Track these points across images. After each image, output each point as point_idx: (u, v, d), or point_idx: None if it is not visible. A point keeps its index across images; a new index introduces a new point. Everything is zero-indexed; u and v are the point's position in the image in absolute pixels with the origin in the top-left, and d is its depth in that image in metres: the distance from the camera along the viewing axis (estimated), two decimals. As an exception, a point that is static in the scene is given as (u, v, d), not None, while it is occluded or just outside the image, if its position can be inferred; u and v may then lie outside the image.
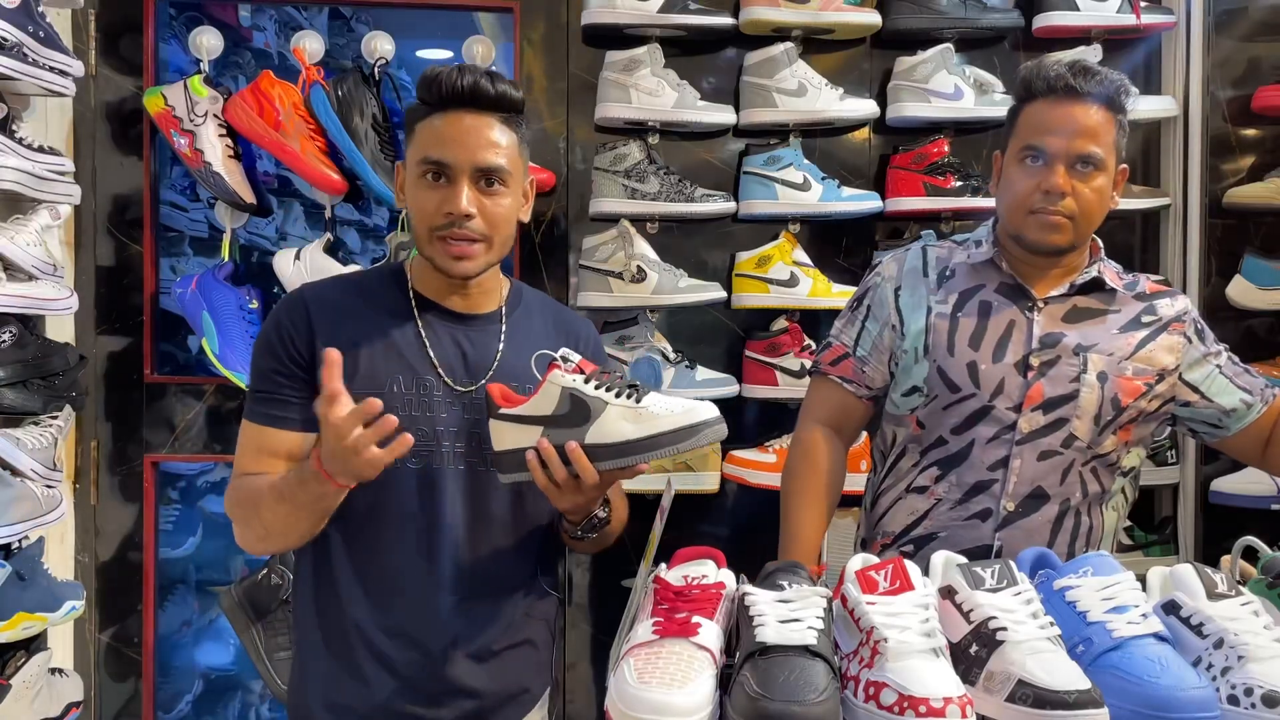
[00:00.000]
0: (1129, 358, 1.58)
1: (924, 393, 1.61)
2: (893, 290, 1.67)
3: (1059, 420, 1.56)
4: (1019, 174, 1.57)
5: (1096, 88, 1.54)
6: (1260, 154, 2.52)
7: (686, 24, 2.37)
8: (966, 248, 1.68)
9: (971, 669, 0.98)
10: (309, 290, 1.48)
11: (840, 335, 1.72)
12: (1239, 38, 2.52)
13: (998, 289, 1.62)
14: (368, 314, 1.44)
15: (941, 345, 1.60)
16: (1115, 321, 1.61)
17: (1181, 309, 1.64)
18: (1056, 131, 1.53)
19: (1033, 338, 1.58)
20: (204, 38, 2.39)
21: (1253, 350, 2.47)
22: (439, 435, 1.41)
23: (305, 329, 1.41)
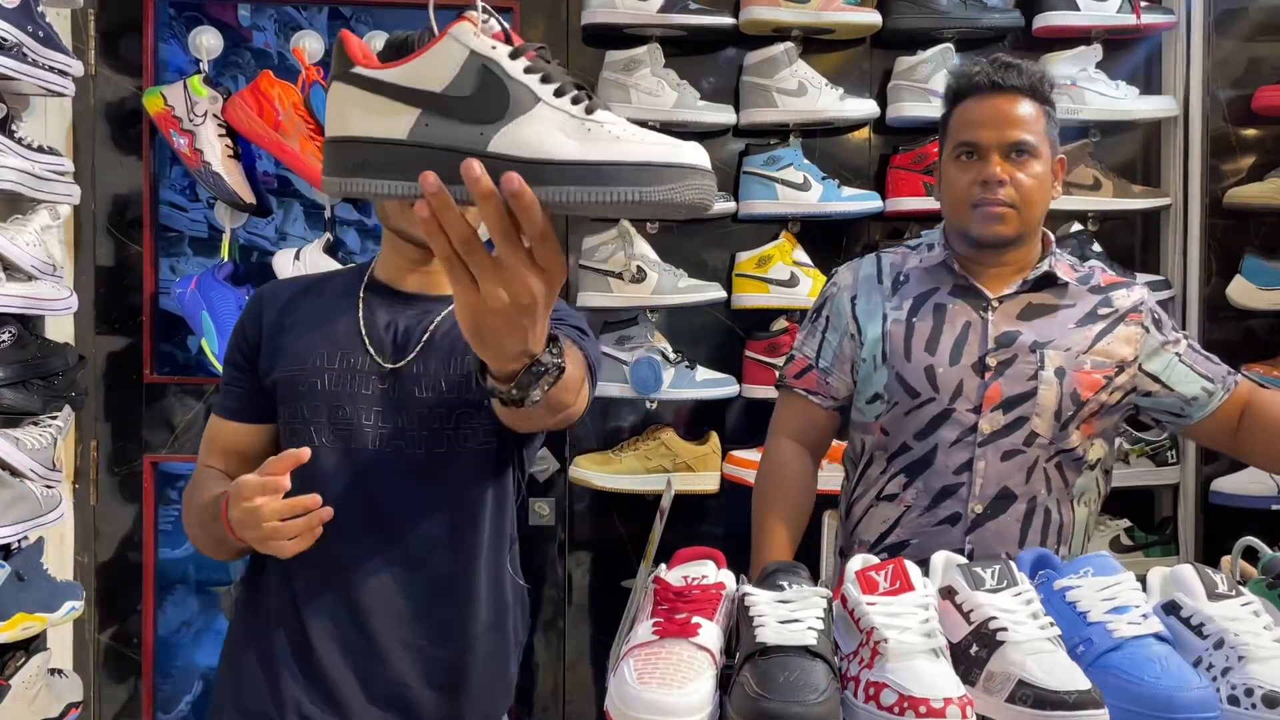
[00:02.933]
0: (1087, 351, 1.58)
1: (885, 399, 1.62)
2: (849, 299, 1.68)
3: (1019, 419, 1.56)
4: (956, 171, 1.59)
5: (1018, 79, 1.57)
6: (1260, 154, 2.52)
7: (686, 24, 2.37)
8: (919, 252, 1.69)
9: (972, 669, 0.98)
10: (269, 285, 1.49)
11: (802, 348, 1.73)
12: (1239, 38, 2.52)
13: (951, 291, 1.63)
14: (315, 301, 1.43)
15: (899, 351, 1.61)
16: (1071, 316, 1.61)
17: (1138, 299, 1.63)
18: (986, 124, 1.56)
19: (988, 338, 1.58)
20: (203, 38, 2.39)
21: (1253, 350, 2.48)
22: (359, 414, 1.34)
23: (255, 320, 1.43)
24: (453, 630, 1.37)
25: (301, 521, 1.18)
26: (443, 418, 1.34)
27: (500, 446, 1.37)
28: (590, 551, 2.55)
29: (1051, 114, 1.60)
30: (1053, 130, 1.60)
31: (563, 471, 2.48)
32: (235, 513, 1.20)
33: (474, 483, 1.36)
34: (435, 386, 1.34)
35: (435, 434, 1.34)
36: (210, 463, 1.45)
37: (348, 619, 1.34)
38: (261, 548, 1.21)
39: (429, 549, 1.35)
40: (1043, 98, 1.58)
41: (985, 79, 1.57)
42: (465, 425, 1.35)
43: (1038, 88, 1.58)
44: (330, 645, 1.33)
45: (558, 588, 2.53)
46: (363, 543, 1.33)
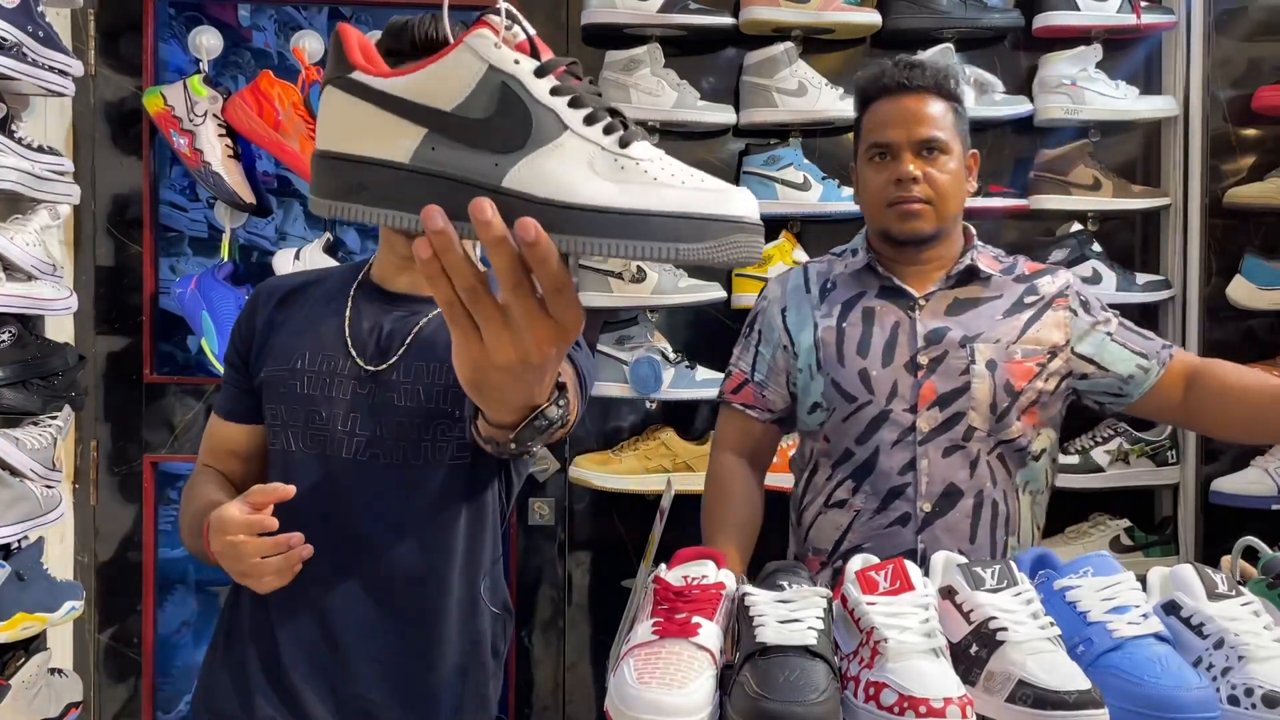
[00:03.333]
0: (1016, 341, 1.59)
1: (824, 407, 1.62)
2: (779, 311, 1.70)
3: (956, 415, 1.57)
4: (871, 172, 1.62)
5: (924, 78, 1.59)
6: (1260, 154, 2.52)
7: (686, 24, 2.36)
8: (844, 258, 1.70)
9: (972, 669, 0.98)
10: (267, 282, 1.46)
11: (738, 362, 1.74)
12: (1239, 37, 2.52)
13: (878, 293, 1.64)
14: (308, 299, 1.39)
15: (832, 358, 1.62)
16: (998, 307, 1.62)
17: (1063, 284, 1.65)
18: (896, 124, 1.58)
19: (917, 336, 1.59)
20: (203, 37, 2.39)
21: (1253, 350, 2.47)
22: (335, 418, 1.29)
23: (250, 319, 1.41)
24: (423, 647, 1.31)
25: (280, 559, 1.16)
26: (420, 427, 1.28)
27: (476, 461, 1.31)
28: (590, 551, 2.55)
29: (960, 110, 1.62)
30: (962, 126, 1.62)
31: (563, 471, 2.48)
32: (216, 545, 1.18)
33: (450, 497, 1.30)
34: (414, 394, 1.28)
35: (412, 444, 1.28)
36: (208, 462, 1.44)
37: (318, 633, 1.30)
38: (239, 580, 1.20)
39: (400, 563, 1.30)
40: (949, 94, 1.61)
41: (892, 80, 1.59)
42: (441, 437, 1.29)
43: (943, 85, 1.60)
44: (300, 659, 1.30)
45: (558, 588, 2.53)
46: (335, 555, 1.28)
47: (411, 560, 1.30)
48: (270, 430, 1.35)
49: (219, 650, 1.38)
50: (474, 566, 1.35)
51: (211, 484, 1.38)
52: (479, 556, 1.35)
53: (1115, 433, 2.46)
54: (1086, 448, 2.46)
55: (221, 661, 1.36)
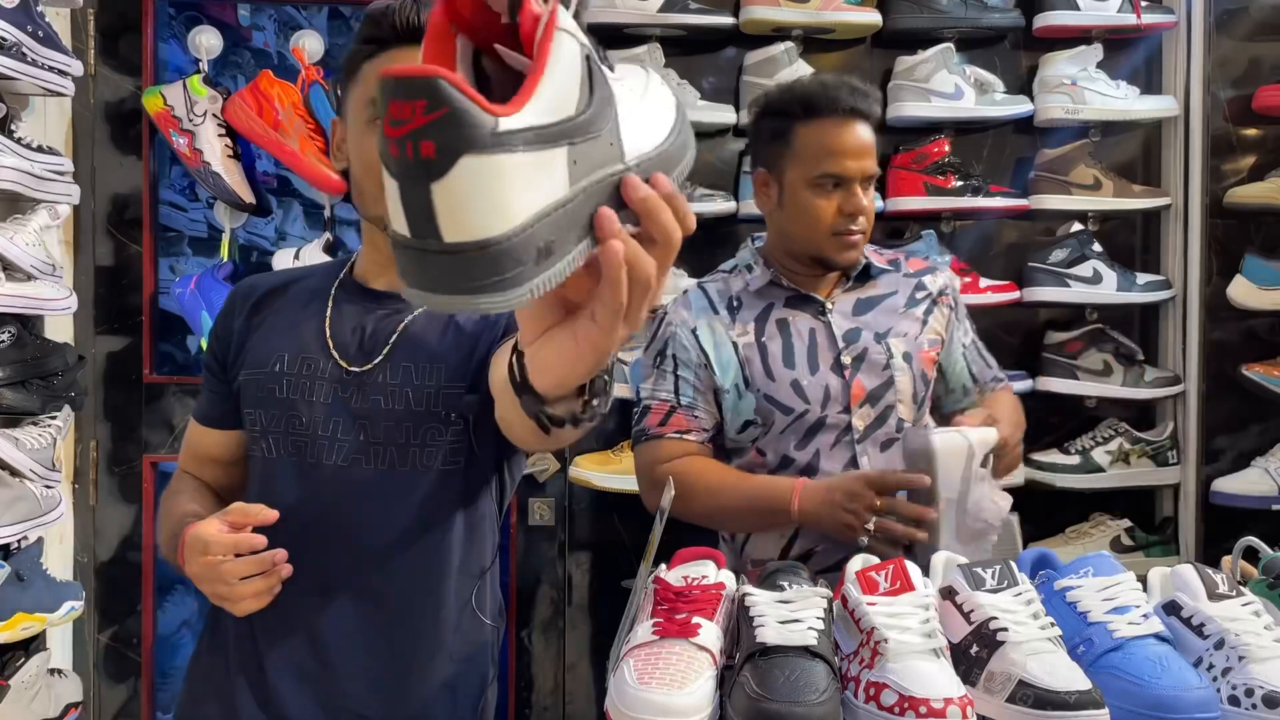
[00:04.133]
0: (921, 333, 1.66)
1: (759, 424, 1.62)
2: (689, 332, 1.65)
3: (886, 409, 1.61)
4: (816, 198, 1.59)
5: (871, 106, 1.60)
6: (1261, 154, 2.52)
7: (686, 23, 2.36)
8: (739, 275, 1.70)
9: (972, 669, 0.97)
10: (245, 282, 1.39)
11: (656, 394, 1.65)
12: (1240, 37, 2.52)
13: (785, 304, 1.66)
14: (286, 299, 1.33)
15: (760, 374, 1.61)
16: (896, 302, 1.67)
17: (944, 283, 1.71)
18: (852, 155, 1.58)
19: (836, 338, 1.62)
20: (203, 37, 2.39)
21: (1253, 350, 2.47)
22: (316, 422, 1.23)
23: (228, 320, 1.34)
24: (415, 659, 1.26)
25: (260, 581, 1.12)
26: (408, 432, 1.23)
27: (469, 466, 1.26)
28: (590, 551, 2.55)
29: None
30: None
31: (563, 471, 2.47)
32: (193, 566, 1.13)
33: (439, 505, 1.25)
34: (401, 396, 1.23)
35: (399, 449, 1.23)
36: (188, 468, 1.40)
37: (305, 645, 1.24)
38: (216, 602, 1.15)
39: (389, 573, 1.24)
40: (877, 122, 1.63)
41: (845, 105, 1.57)
42: (430, 442, 1.23)
43: (876, 113, 1.62)
44: (286, 672, 1.24)
45: (558, 588, 2.53)
46: (320, 564, 1.22)
47: (402, 570, 1.25)
48: (249, 436, 1.29)
49: (201, 663, 1.32)
50: (468, 575, 1.29)
51: (190, 494, 1.33)
52: (474, 565, 1.30)
53: (1116, 433, 2.46)
54: (1087, 448, 2.45)
55: (204, 675, 1.31)
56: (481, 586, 1.31)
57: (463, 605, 1.29)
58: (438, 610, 1.27)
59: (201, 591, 1.16)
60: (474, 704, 1.31)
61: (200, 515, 1.20)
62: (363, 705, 1.24)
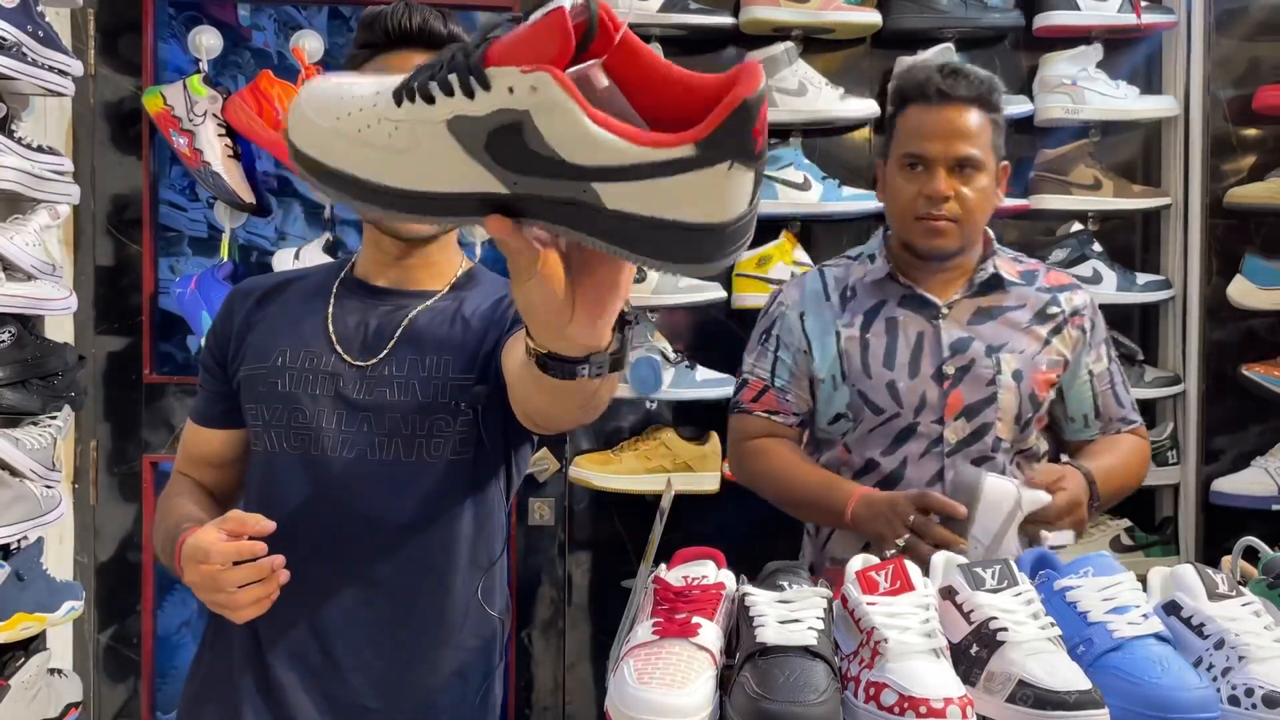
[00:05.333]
0: (1040, 351, 1.59)
1: (850, 418, 1.61)
2: (798, 316, 1.66)
3: (983, 426, 1.56)
4: (902, 182, 1.59)
5: (967, 89, 1.56)
6: (1261, 154, 2.52)
7: (686, 23, 2.36)
8: (862, 263, 1.67)
9: (972, 669, 0.97)
10: (243, 283, 1.41)
11: (755, 370, 1.69)
12: (1240, 37, 2.52)
13: (900, 302, 1.62)
14: (287, 297, 1.34)
15: (857, 369, 1.59)
16: (1021, 317, 1.61)
17: (1081, 303, 1.65)
18: (934, 137, 1.55)
19: (942, 346, 1.58)
20: (203, 37, 2.39)
21: (1253, 350, 2.47)
22: (320, 418, 1.24)
23: (226, 320, 1.35)
24: (421, 653, 1.27)
25: (259, 588, 1.12)
26: (415, 424, 1.24)
27: (478, 457, 1.27)
28: (590, 551, 2.55)
29: (999, 122, 1.60)
30: (999, 139, 1.60)
31: (563, 471, 2.47)
32: (191, 574, 1.13)
33: (448, 497, 1.26)
34: (408, 389, 1.24)
35: (405, 441, 1.24)
36: (184, 470, 1.39)
37: (311, 640, 1.25)
38: (214, 609, 1.16)
39: (396, 565, 1.25)
40: (991, 106, 1.58)
41: (933, 87, 1.56)
42: (438, 433, 1.24)
43: (986, 98, 1.57)
44: (290, 665, 1.25)
45: (558, 588, 2.53)
46: (325, 559, 1.24)
47: (409, 562, 1.26)
48: (252, 432, 1.30)
49: (205, 657, 1.33)
50: (477, 567, 1.30)
51: (186, 497, 1.33)
52: (482, 557, 1.31)
53: (1115, 433, 2.46)
54: (1087, 448, 2.45)
55: (208, 669, 1.31)
56: (489, 579, 1.32)
57: (470, 598, 1.29)
58: (445, 602, 1.27)
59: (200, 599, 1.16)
60: (479, 697, 1.32)
61: (197, 519, 1.20)
62: (367, 698, 1.25)
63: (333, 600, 1.25)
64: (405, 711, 1.26)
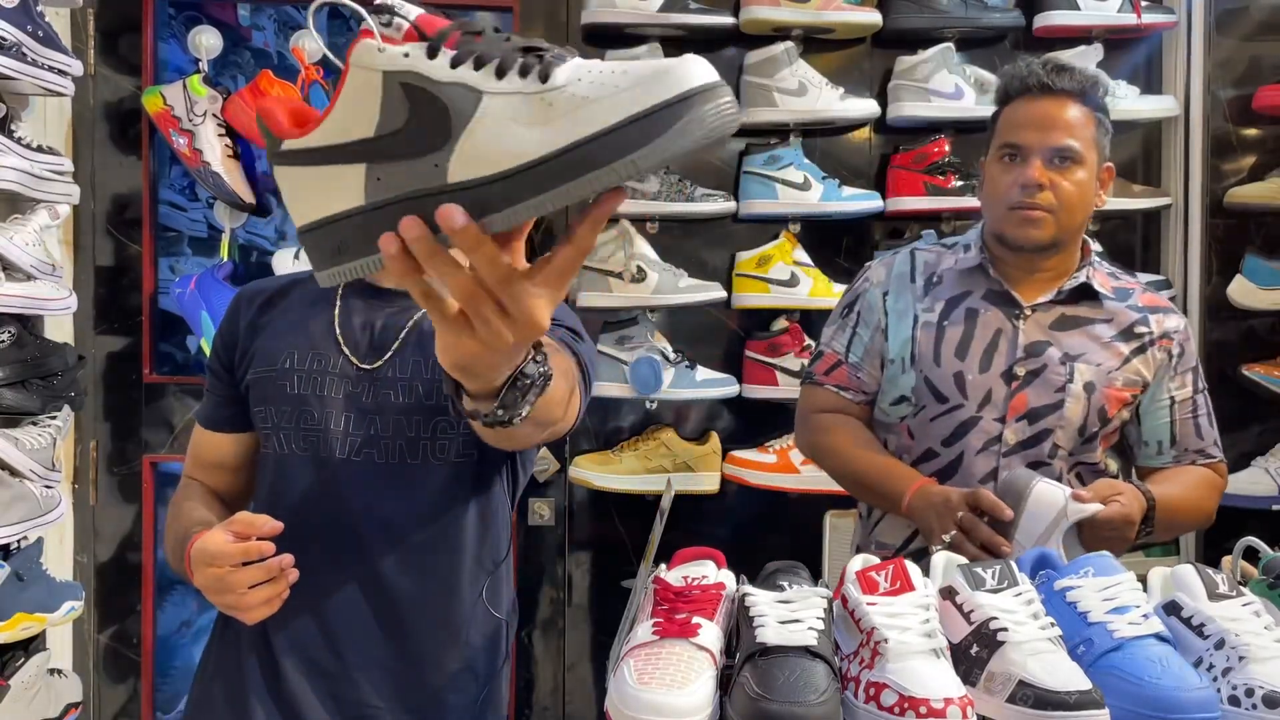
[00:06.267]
0: (1119, 369, 1.57)
1: (912, 403, 1.60)
2: (881, 295, 1.66)
3: (1044, 431, 1.55)
4: (998, 172, 1.58)
5: (1069, 83, 1.54)
6: (1261, 154, 2.52)
7: (686, 23, 2.36)
8: (955, 252, 1.66)
9: (972, 670, 0.97)
10: (248, 287, 1.42)
11: (831, 343, 1.70)
12: (1240, 37, 2.52)
13: (985, 296, 1.61)
14: (292, 301, 1.35)
15: (928, 355, 1.59)
16: (1105, 331, 1.59)
17: (1173, 327, 1.61)
18: (1032, 126, 1.54)
19: (1018, 346, 1.57)
20: (203, 37, 2.39)
21: (1253, 350, 2.47)
22: (328, 417, 1.25)
23: (232, 324, 1.37)
24: (428, 652, 1.28)
25: (269, 588, 1.13)
26: (419, 425, 1.25)
27: (483, 458, 1.28)
28: (590, 551, 2.55)
29: (1103, 120, 1.57)
30: (1102, 137, 1.57)
31: (563, 471, 2.48)
32: (201, 577, 1.15)
33: (453, 497, 1.27)
34: (412, 391, 1.25)
35: (410, 442, 1.25)
36: (194, 474, 1.40)
37: (319, 640, 1.26)
38: (225, 611, 1.17)
39: (402, 566, 1.26)
40: (1094, 103, 1.56)
41: (1036, 80, 1.55)
42: (443, 434, 1.26)
43: (1089, 93, 1.56)
44: (298, 665, 1.26)
45: (558, 588, 2.53)
46: (333, 558, 1.25)
47: (415, 562, 1.27)
48: (261, 434, 1.31)
49: (213, 655, 1.34)
50: (482, 568, 1.31)
51: (197, 501, 1.34)
52: (487, 557, 1.32)
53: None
54: (1087, 448, 2.45)
55: (216, 671, 1.32)
56: (495, 580, 1.33)
57: (476, 598, 1.30)
58: (451, 603, 1.28)
59: (211, 602, 1.17)
60: (485, 697, 1.33)
61: (208, 523, 1.21)
62: (375, 697, 1.26)
63: (341, 600, 1.26)
64: (413, 711, 1.27)
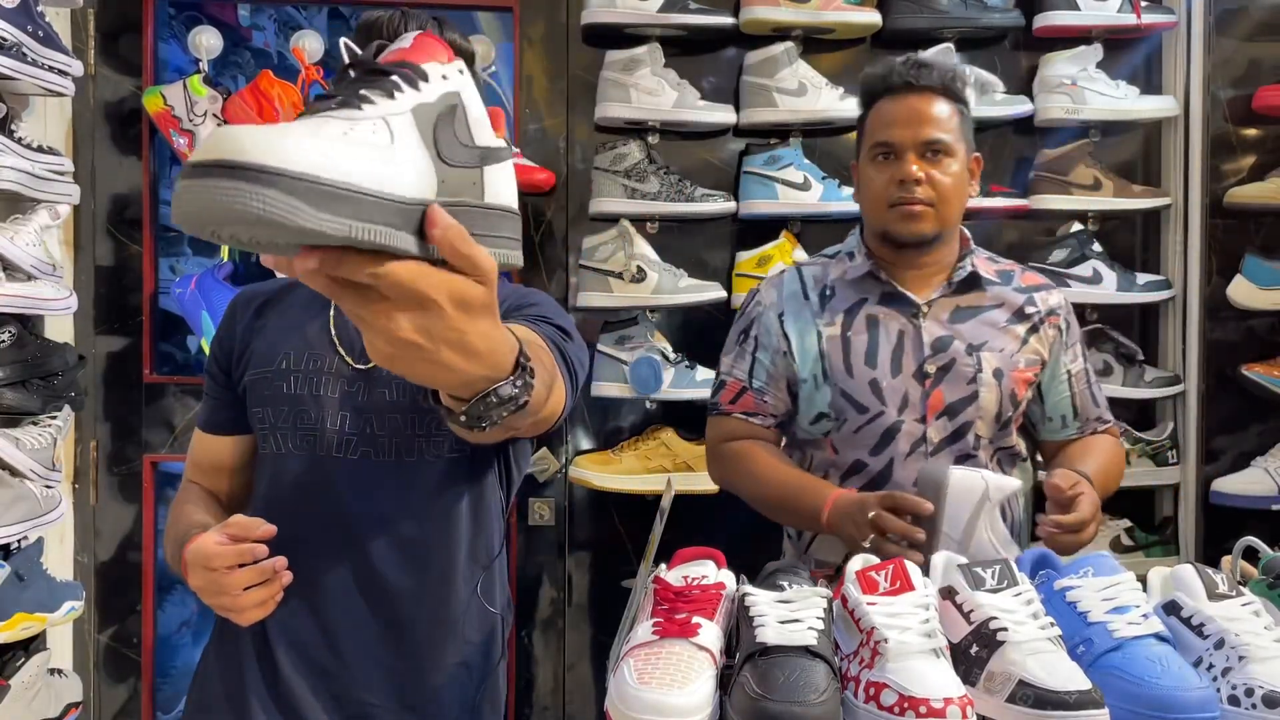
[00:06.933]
0: (1019, 351, 1.60)
1: (832, 417, 1.61)
2: (776, 317, 1.66)
3: (965, 424, 1.57)
4: (874, 172, 1.60)
5: (932, 79, 1.57)
6: (1261, 154, 2.52)
7: (687, 23, 2.36)
8: (840, 262, 1.68)
9: (972, 669, 0.97)
10: (244, 291, 1.44)
11: (733, 371, 1.69)
12: (1240, 37, 2.52)
13: (880, 300, 1.62)
14: (288, 303, 1.37)
15: (839, 368, 1.59)
16: (999, 316, 1.62)
17: (1056, 303, 1.66)
18: (900, 124, 1.56)
19: (924, 344, 1.58)
20: (203, 37, 2.39)
21: (1253, 350, 2.47)
22: (324, 418, 1.28)
23: (229, 328, 1.39)
24: (426, 648, 1.29)
25: (263, 590, 1.15)
26: (414, 423, 1.27)
27: (476, 455, 1.31)
28: (590, 551, 2.55)
29: (965, 112, 1.61)
30: (967, 129, 1.61)
31: (563, 471, 2.48)
32: (196, 579, 1.16)
33: (448, 493, 1.29)
34: (406, 389, 1.27)
35: (405, 440, 1.28)
36: (194, 478, 1.42)
37: (317, 637, 1.28)
38: (220, 613, 1.18)
39: (400, 562, 1.28)
40: (956, 96, 1.59)
41: (899, 78, 1.58)
42: (438, 432, 1.28)
43: (950, 86, 1.58)
44: (297, 664, 1.28)
45: (558, 588, 2.53)
46: (330, 555, 1.27)
47: (411, 558, 1.29)
48: (259, 434, 1.33)
49: (212, 657, 1.35)
50: (477, 564, 1.33)
51: (195, 505, 1.35)
52: (481, 553, 1.34)
53: (1115, 433, 2.47)
54: (1087, 448, 2.45)
55: (215, 670, 1.33)
56: (489, 576, 1.35)
57: (471, 593, 1.32)
58: (447, 598, 1.30)
59: (206, 604, 1.18)
60: (483, 692, 1.34)
61: (206, 526, 1.22)
62: (373, 694, 1.28)
63: (338, 598, 1.28)
64: (410, 708, 1.29)
